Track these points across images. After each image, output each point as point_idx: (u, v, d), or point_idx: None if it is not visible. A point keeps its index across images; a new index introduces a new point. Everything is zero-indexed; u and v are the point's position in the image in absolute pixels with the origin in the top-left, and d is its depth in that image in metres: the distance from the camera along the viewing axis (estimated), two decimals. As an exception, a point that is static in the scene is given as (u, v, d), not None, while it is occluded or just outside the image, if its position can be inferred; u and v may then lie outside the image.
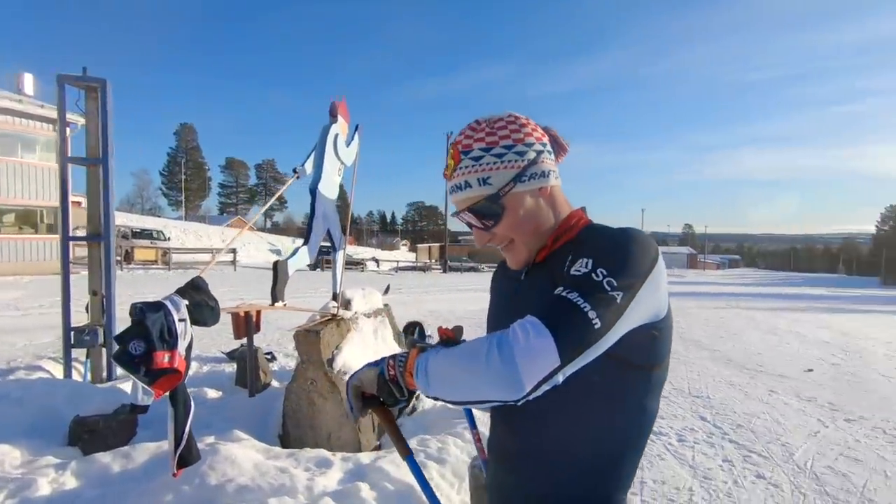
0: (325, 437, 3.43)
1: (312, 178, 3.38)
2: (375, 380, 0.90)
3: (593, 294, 0.71)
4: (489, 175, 0.88)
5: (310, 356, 3.40)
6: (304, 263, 3.29)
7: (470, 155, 0.90)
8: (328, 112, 3.61)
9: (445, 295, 17.01)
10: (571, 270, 0.77)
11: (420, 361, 0.81)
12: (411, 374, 0.83)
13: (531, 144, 0.90)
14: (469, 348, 0.77)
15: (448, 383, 0.77)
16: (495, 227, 0.91)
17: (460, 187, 0.91)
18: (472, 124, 0.93)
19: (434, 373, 0.78)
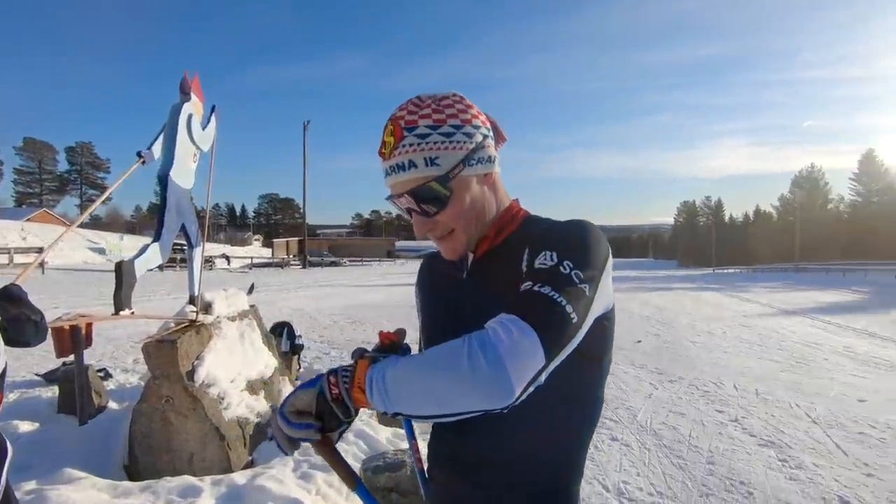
0: (187, 461, 3.00)
1: (162, 163, 2.89)
2: (314, 402, 0.75)
3: (564, 287, 0.68)
4: (437, 155, 0.80)
5: (164, 370, 2.94)
6: (155, 263, 2.81)
7: (415, 132, 0.80)
8: (179, 88, 3.12)
9: (308, 291, 16.26)
10: (536, 264, 0.73)
11: (374, 374, 0.70)
12: (361, 389, 0.71)
13: (478, 127, 0.85)
14: (441, 354, 0.68)
15: (418, 395, 0.67)
16: (439, 214, 0.83)
17: (402, 167, 0.81)
18: (415, 100, 0.85)
19: (397, 385, 0.68)
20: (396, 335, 0.89)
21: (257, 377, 3.65)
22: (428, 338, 0.97)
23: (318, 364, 6.08)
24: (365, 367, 0.72)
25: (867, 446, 3.69)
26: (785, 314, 11.89)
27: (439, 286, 0.97)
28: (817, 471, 3.26)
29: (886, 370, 6.16)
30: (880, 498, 2.92)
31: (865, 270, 29.89)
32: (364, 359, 0.75)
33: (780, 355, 6.97)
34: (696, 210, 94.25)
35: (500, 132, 0.92)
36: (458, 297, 0.90)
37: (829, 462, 3.40)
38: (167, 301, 12.43)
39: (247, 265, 33.65)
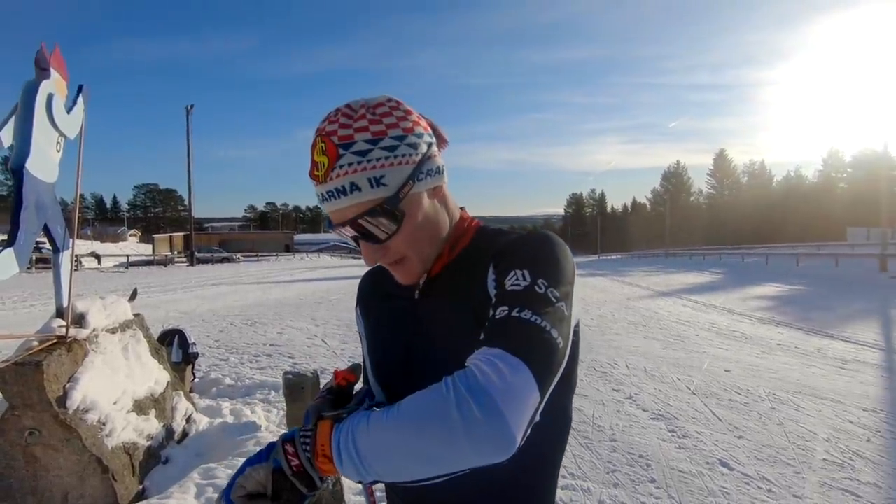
0: (59, 500, 2.58)
1: (16, 153, 2.39)
2: (270, 479, 0.63)
3: (544, 309, 0.62)
4: (383, 173, 0.70)
5: (26, 399, 2.48)
6: (12, 272, 2.32)
7: (352, 149, 0.70)
8: (34, 63, 2.61)
9: (198, 292, 14.93)
10: (507, 285, 0.66)
11: (341, 438, 0.60)
12: (327, 457, 0.60)
13: (421, 135, 0.75)
14: (421, 405, 0.58)
15: (399, 458, 0.57)
16: (391, 240, 0.73)
17: (343, 191, 0.70)
18: (345, 110, 0.73)
19: (372, 448, 0.58)
20: (355, 375, 0.78)
21: (146, 395, 3.24)
22: (378, 364, 0.86)
23: (216, 372, 5.59)
24: (328, 430, 0.62)
25: (735, 411, 4.24)
26: (661, 296, 13.32)
27: (389, 309, 0.87)
28: (700, 438, 3.67)
29: (743, 342, 7.15)
30: (750, 456, 3.36)
31: (720, 254, 34.54)
32: (324, 419, 0.64)
33: (661, 334, 7.77)
34: (583, 202, 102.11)
35: (440, 135, 0.82)
36: (412, 320, 0.82)
37: (708, 429, 3.85)
38: (23, 310, 10.67)
39: (122, 264, 30.11)
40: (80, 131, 2.96)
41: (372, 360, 0.88)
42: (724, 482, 3.03)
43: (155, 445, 3.10)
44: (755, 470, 3.17)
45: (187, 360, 4.65)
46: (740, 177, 77.46)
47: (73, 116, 2.86)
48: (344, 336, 7.63)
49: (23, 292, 13.68)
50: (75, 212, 2.92)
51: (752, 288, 14.71)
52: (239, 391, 4.95)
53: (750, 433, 3.76)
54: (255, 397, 4.70)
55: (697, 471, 3.16)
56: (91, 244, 41.87)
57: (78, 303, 2.99)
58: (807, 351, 6.56)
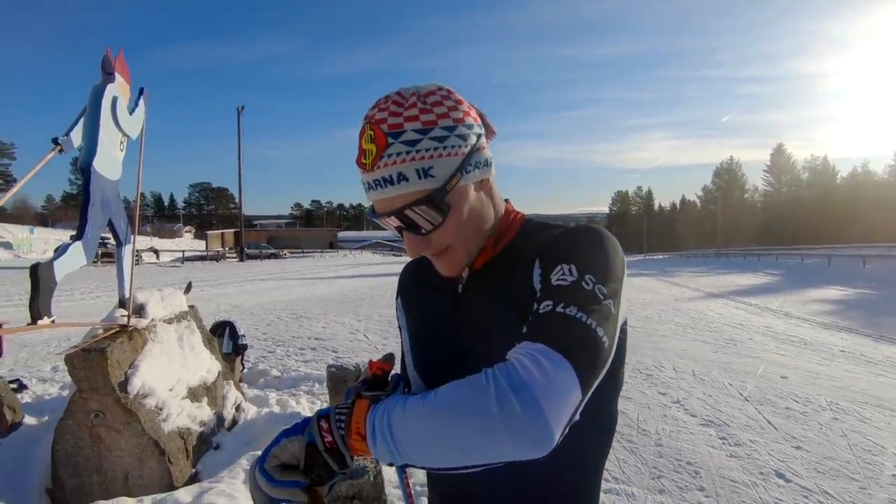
0: (122, 480, 2.74)
1: (85, 152, 2.56)
2: (303, 453, 0.63)
3: (591, 306, 0.60)
4: (431, 164, 0.68)
5: (92, 382, 2.65)
6: (78, 265, 2.50)
7: (401, 138, 0.68)
8: (100, 68, 2.78)
9: (247, 286, 15.54)
10: (554, 279, 0.64)
11: (376, 419, 0.60)
12: (361, 435, 0.60)
13: (471, 126, 0.73)
14: (460, 395, 0.57)
15: (434, 445, 0.57)
16: (435, 231, 0.72)
17: (390, 181, 0.69)
18: (395, 97, 0.71)
19: (407, 432, 0.58)
20: (389, 364, 0.79)
21: (199, 383, 3.39)
22: (420, 356, 0.86)
23: (263, 363, 5.80)
24: (364, 410, 0.61)
25: (793, 420, 4.00)
26: (711, 297, 12.77)
27: (432, 302, 0.86)
28: (753, 446, 3.49)
29: (802, 347, 6.75)
30: (809, 468, 3.17)
31: (777, 255, 32.74)
32: (362, 398, 0.64)
33: (711, 336, 7.45)
34: (629, 200, 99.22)
35: (489, 126, 0.80)
36: (454, 315, 0.80)
37: (762, 437, 3.66)
38: (90, 301, 11.44)
39: (178, 259, 31.73)
40: (141, 132, 3.13)
41: (413, 351, 0.88)
42: (780, 494, 2.86)
43: (207, 431, 3.24)
44: (815, 483, 2.98)
45: (237, 352, 4.84)
46: (800, 173, 73.05)
47: (135, 117, 3.03)
48: (385, 332, 7.74)
49: (90, 284, 14.65)
50: (136, 209, 3.09)
51: (812, 290, 13.86)
52: (285, 382, 5.11)
53: (809, 444, 3.54)
54: (299, 389, 4.85)
55: (751, 481, 3.01)
56: (150, 240, 44.38)
57: (138, 294, 3.16)
58: (874, 359, 6.11)
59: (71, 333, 6.95)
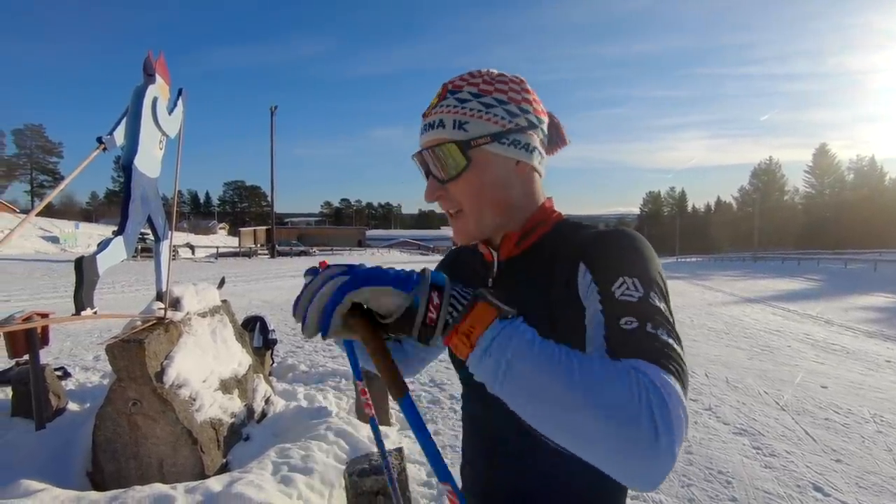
0: (157, 467, 2.85)
1: (126, 151, 2.68)
2: (400, 310, 0.54)
3: (666, 325, 0.58)
4: (468, 120, 0.75)
5: (130, 372, 2.76)
6: (120, 259, 2.61)
7: (457, 95, 0.77)
8: (142, 70, 2.89)
9: (278, 282, 15.88)
10: (619, 294, 0.62)
11: (499, 339, 0.52)
12: (468, 338, 0.52)
13: (526, 111, 0.78)
14: (604, 385, 0.49)
15: (548, 412, 0.50)
16: (451, 183, 0.77)
17: (432, 125, 0.77)
18: (474, 70, 0.80)
19: (526, 380, 0.50)
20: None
21: (231, 376, 3.49)
22: None
23: (292, 358, 5.92)
24: (487, 319, 0.53)
25: (833, 432, 3.83)
26: (747, 302, 12.34)
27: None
28: (790, 458, 3.36)
29: (844, 356, 6.45)
30: (850, 483, 3.03)
31: (818, 259, 31.39)
32: (489, 304, 0.54)
33: (746, 343, 7.20)
34: (661, 200, 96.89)
35: (561, 134, 0.87)
36: None
37: (799, 449, 3.52)
38: (129, 293, 11.91)
39: (212, 255, 32.67)
40: (179, 131, 3.24)
41: None
42: (818, 509, 2.75)
43: (237, 423, 3.33)
44: (856, 499, 2.85)
45: (267, 346, 4.95)
46: (845, 174, 69.78)
47: (173, 117, 3.14)
48: (411, 330, 7.77)
49: (129, 278, 15.24)
50: (174, 206, 3.20)
51: (856, 297, 13.23)
52: (312, 377, 5.20)
53: (850, 457, 3.38)
54: (327, 384, 4.93)
55: (786, 493, 2.90)
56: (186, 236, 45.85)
57: (174, 288, 3.28)
58: (923, 370, 5.79)
59: (111, 324, 7.25)
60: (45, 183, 69.99)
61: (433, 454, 0.54)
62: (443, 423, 3.99)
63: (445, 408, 4.32)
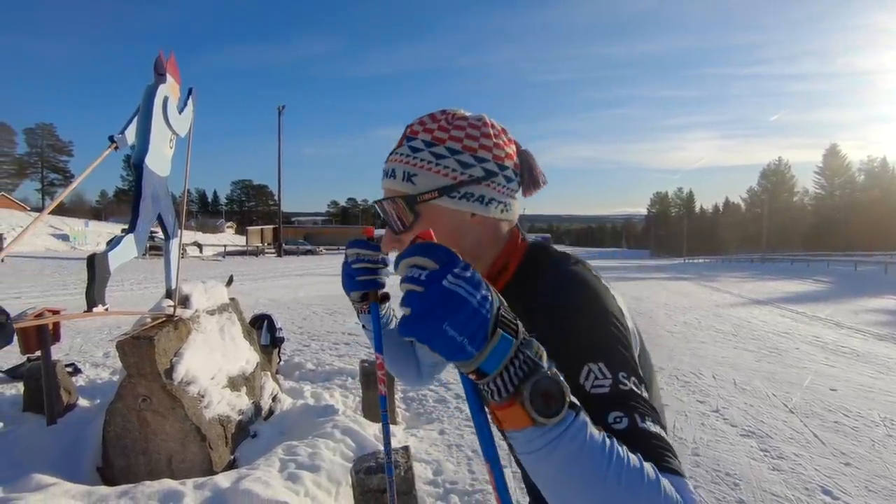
0: (166, 463, 2.87)
1: (137, 150, 2.70)
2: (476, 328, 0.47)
3: (647, 409, 0.57)
4: (416, 172, 0.74)
5: (140, 368, 2.79)
6: (130, 256, 2.64)
7: (411, 143, 0.76)
8: (153, 69, 2.92)
9: (284, 281, 15.96)
10: (589, 387, 0.58)
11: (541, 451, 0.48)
12: (501, 424, 0.49)
13: (483, 160, 0.75)
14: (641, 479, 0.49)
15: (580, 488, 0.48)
16: (404, 234, 0.78)
17: (387, 173, 0.78)
18: (437, 113, 0.78)
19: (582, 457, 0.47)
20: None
21: (238, 373, 3.52)
22: None
23: (299, 357, 5.95)
24: (522, 423, 0.48)
25: (842, 435, 3.80)
26: (755, 304, 12.24)
27: None
28: (798, 461, 3.34)
29: (854, 359, 6.38)
30: (859, 486, 3.00)
31: (828, 261, 31.07)
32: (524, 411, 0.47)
33: (754, 345, 7.15)
34: (668, 201, 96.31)
35: (534, 176, 0.81)
36: None
37: (808, 452, 3.49)
38: (138, 291, 12.01)
39: (220, 253, 32.88)
40: (189, 130, 3.27)
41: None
42: (827, 512, 2.73)
43: (245, 420, 3.36)
44: (865, 502, 2.82)
45: (274, 344, 4.99)
46: (855, 175, 68.99)
47: (183, 117, 3.16)
48: (417, 329, 7.78)
49: (138, 276, 15.38)
50: (183, 204, 3.23)
51: (866, 300, 13.09)
52: (319, 376, 5.23)
53: (860, 461, 3.35)
54: (333, 382, 4.95)
55: (794, 496, 2.88)
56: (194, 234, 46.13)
57: (183, 286, 3.31)
58: (935, 374, 5.72)
59: (121, 322, 7.32)
60: (55, 181, 70.70)
61: None
62: (448, 423, 3.99)
63: (451, 407, 4.33)
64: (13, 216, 35.05)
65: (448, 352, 0.47)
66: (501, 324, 0.48)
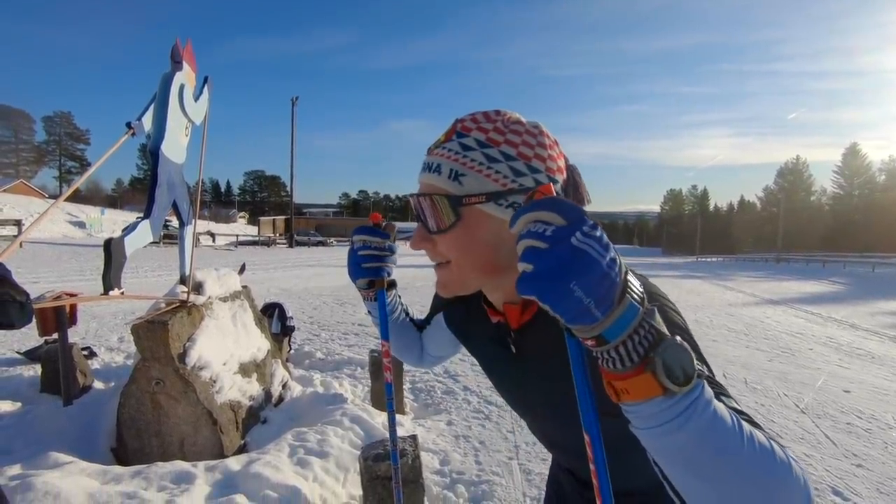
0: (178, 445, 2.93)
1: (154, 137, 2.73)
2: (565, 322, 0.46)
3: (726, 391, 0.56)
4: (466, 173, 0.69)
5: (154, 352, 2.84)
6: (146, 241, 2.68)
7: (462, 139, 0.70)
8: (170, 57, 2.94)
9: (295, 271, 16.09)
10: None
11: (704, 388, 0.46)
12: (618, 396, 0.47)
13: (536, 171, 0.70)
14: (774, 454, 0.47)
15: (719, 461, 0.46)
16: (438, 236, 0.72)
17: (430, 167, 0.72)
18: (491, 112, 0.74)
19: (717, 427, 0.45)
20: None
21: (250, 360, 3.56)
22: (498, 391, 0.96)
23: (309, 346, 6.00)
24: (652, 393, 0.45)
25: (854, 437, 3.75)
26: (769, 303, 12.09)
27: (491, 352, 0.90)
28: (808, 461, 3.30)
29: (869, 361, 6.29)
30: (870, 488, 2.97)
31: (844, 262, 30.56)
32: (656, 380, 0.45)
33: (767, 345, 7.07)
34: (682, 199, 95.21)
35: (580, 193, 0.76)
36: (518, 373, 0.83)
37: (819, 452, 3.45)
38: (153, 278, 12.19)
39: (232, 243, 33.19)
40: (204, 118, 3.29)
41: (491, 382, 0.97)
42: (837, 513, 2.70)
43: (255, 406, 3.40)
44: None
45: (285, 332, 5.03)
46: (875, 175, 67.56)
47: (199, 105, 3.19)
48: (426, 321, 7.81)
49: (152, 263, 15.59)
50: (198, 191, 3.26)
51: (884, 302, 12.87)
52: (329, 365, 5.28)
53: (872, 463, 3.31)
54: (342, 372, 4.99)
55: (804, 496, 2.85)
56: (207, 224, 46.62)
57: (197, 273, 3.35)
58: (952, 378, 5.62)
59: (136, 308, 7.44)
60: (72, 169, 71.83)
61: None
62: (456, 414, 4.01)
63: (459, 399, 4.35)
64: (32, 203, 35.70)
65: (571, 314, 0.44)
66: (629, 290, 0.46)
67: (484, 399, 4.31)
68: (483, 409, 4.09)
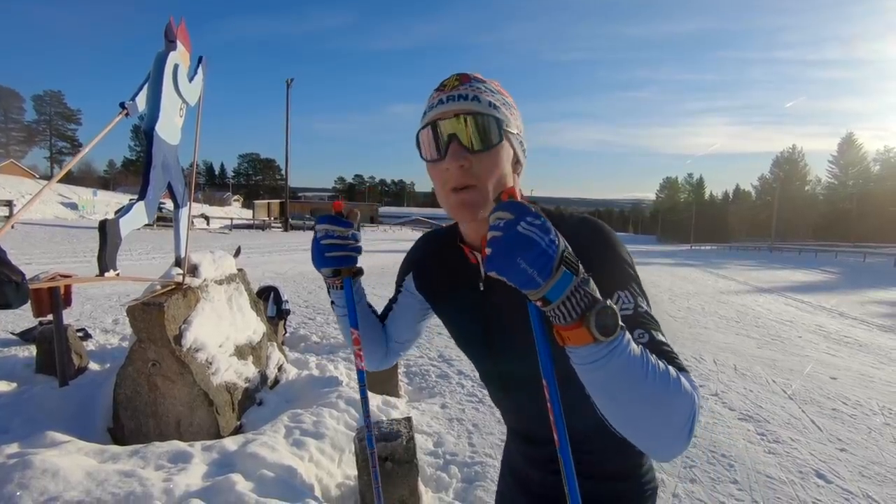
0: (174, 426, 2.96)
1: (148, 117, 2.71)
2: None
3: (657, 325, 0.72)
4: (499, 107, 0.79)
5: (150, 334, 2.85)
6: (141, 223, 2.67)
7: (485, 85, 0.81)
8: (163, 35, 2.90)
9: (290, 255, 16.05)
10: (621, 311, 0.70)
11: (596, 363, 0.60)
12: (584, 318, 0.58)
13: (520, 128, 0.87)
14: (668, 389, 0.62)
15: (624, 395, 0.62)
16: (478, 156, 0.76)
17: (465, 97, 0.78)
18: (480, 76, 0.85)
19: (630, 364, 0.60)
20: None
21: (246, 342, 3.58)
22: (461, 345, 1.01)
23: (304, 329, 6.03)
24: (585, 340, 0.59)
25: (839, 422, 3.84)
26: (760, 292, 12.23)
27: (458, 297, 0.94)
28: (794, 445, 3.38)
29: (856, 349, 6.40)
30: (853, 472, 3.05)
31: (836, 251, 30.82)
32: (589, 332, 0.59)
33: (757, 332, 7.17)
34: (677, 187, 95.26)
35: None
36: (483, 312, 0.90)
37: (804, 437, 3.53)
38: (146, 260, 12.14)
39: (226, 226, 33.01)
40: (199, 99, 3.25)
41: (455, 340, 1.01)
42: (819, 494, 2.78)
43: (251, 388, 3.43)
44: (858, 487, 2.87)
45: (280, 316, 5.05)
46: (870, 165, 67.74)
47: (193, 85, 3.15)
48: (421, 306, 7.85)
49: (146, 245, 15.51)
50: (193, 173, 3.24)
51: (873, 291, 13.03)
52: (324, 348, 5.31)
53: (855, 447, 3.39)
54: (337, 355, 5.02)
55: (788, 478, 2.93)
56: (201, 206, 46.24)
57: (192, 255, 3.34)
58: (937, 366, 5.73)
59: (130, 290, 7.43)
60: (63, 149, 70.84)
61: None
62: (450, 398, 4.06)
63: (453, 382, 4.40)
64: (22, 183, 35.24)
65: (521, 282, 0.58)
66: (565, 262, 0.59)
67: (478, 383, 4.36)
68: (476, 393, 4.15)
